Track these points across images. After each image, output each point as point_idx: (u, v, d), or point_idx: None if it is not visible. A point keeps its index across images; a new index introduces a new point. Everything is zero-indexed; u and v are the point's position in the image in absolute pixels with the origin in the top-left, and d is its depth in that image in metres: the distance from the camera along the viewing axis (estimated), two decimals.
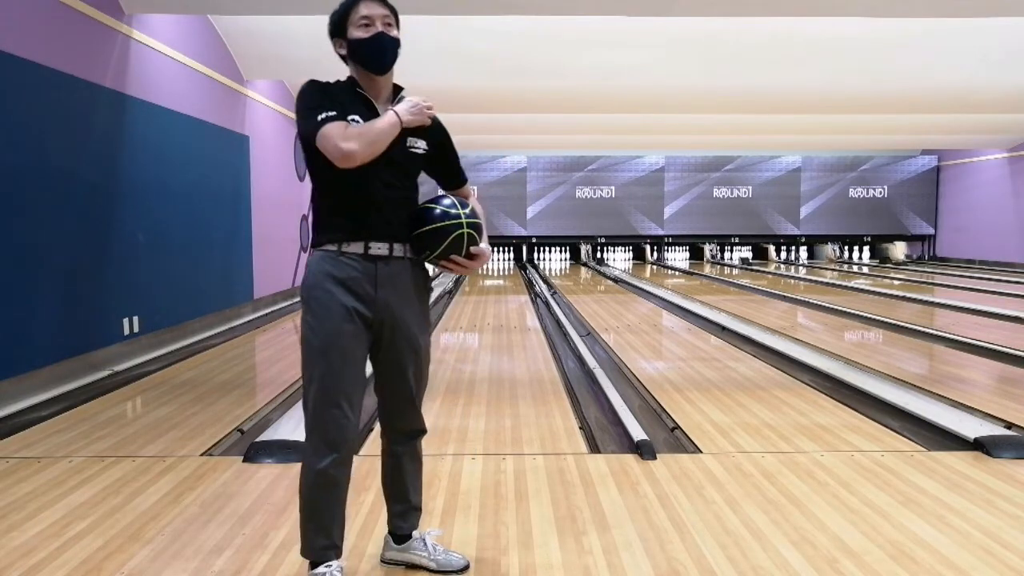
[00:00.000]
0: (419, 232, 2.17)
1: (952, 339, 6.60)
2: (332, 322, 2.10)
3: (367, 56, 2.13)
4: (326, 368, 2.09)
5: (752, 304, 9.44)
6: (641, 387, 4.90)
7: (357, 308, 2.12)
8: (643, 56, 8.41)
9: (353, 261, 2.12)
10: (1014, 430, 3.80)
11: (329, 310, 2.10)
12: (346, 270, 2.11)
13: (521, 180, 17.21)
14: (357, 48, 2.13)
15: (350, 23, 2.12)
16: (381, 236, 2.14)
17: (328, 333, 2.09)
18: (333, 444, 2.10)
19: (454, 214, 2.17)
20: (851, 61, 8.64)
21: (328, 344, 2.09)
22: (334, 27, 2.16)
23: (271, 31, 7.80)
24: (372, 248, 2.13)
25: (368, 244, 2.13)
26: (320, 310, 2.11)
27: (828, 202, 17.66)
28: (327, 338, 2.09)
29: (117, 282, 5.71)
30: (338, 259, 2.12)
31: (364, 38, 2.11)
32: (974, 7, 6.26)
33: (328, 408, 2.10)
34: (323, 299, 2.10)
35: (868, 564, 2.38)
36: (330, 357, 2.09)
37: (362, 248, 2.12)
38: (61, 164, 5.03)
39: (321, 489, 2.12)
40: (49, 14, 4.94)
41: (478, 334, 7.15)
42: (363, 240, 2.12)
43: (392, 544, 2.38)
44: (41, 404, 4.46)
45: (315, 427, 2.12)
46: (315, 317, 2.11)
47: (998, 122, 12.94)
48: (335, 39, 2.17)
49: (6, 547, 2.54)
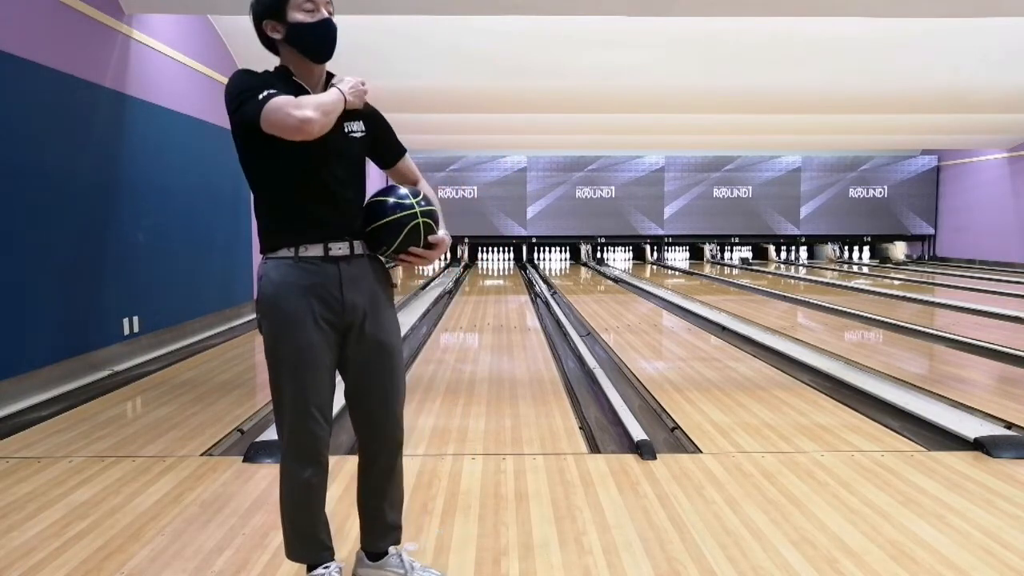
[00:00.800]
0: (373, 227, 2.05)
1: (952, 339, 6.60)
2: (300, 334, 1.98)
3: (312, 42, 1.98)
4: (298, 382, 2.01)
5: (752, 304, 9.44)
6: (641, 387, 4.90)
7: (325, 315, 2.00)
8: (643, 56, 8.41)
9: (313, 265, 1.99)
10: (1014, 430, 3.80)
11: (295, 322, 1.97)
12: (308, 276, 1.98)
13: (521, 180, 17.21)
14: (300, 33, 1.96)
15: (291, 5, 1.94)
16: (340, 235, 2.02)
17: (297, 346, 1.99)
18: (310, 456, 2.05)
19: (407, 204, 2.04)
20: (851, 61, 8.64)
21: (298, 358, 1.99)
22: (266, 7, 1.96)
23: None
24: (332, 249, 2.01)
25: (328, 245, 2.00)
26: (285, 323, 1.98)
27: (828, 202, 17.66)
28: (296, 352, 1.99)
29: (117, 282, 5.71)
30: (297, 265, 1.98)
31: (309, 23, 1.95)
32: (974, 7, 6.26)
33: (304, 421, 2.02)
34: (287, 311, 1.97)
35: (868, 564, 2.38)
36: (301, 371, 2.00)
37: (322, 250, 2.00)
38: (61, 164, 5.03)
39: (303, 499, 2.09)
40: (49, 14, 4.94)
41: (478, 334, 7.15)
42: (322, 241, 2.00)
43: (365, 561, 2.26)
44: (41, 404, 4.46)
45: (291, 441, 2.06)
46: (281, 330, 1.99)
47: (998, 122, 12.93)
48: (268, 20, 1.98)
49: (6, 547, 2.54)
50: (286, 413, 2.05)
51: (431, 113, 11.08)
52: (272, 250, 2.01)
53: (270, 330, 2.02)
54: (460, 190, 17.07)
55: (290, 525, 2.13)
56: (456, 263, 16.84)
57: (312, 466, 2.06)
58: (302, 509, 2.10)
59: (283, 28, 1.97)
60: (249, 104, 1.87)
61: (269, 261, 2.02)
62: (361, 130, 2.09)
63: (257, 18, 2.00)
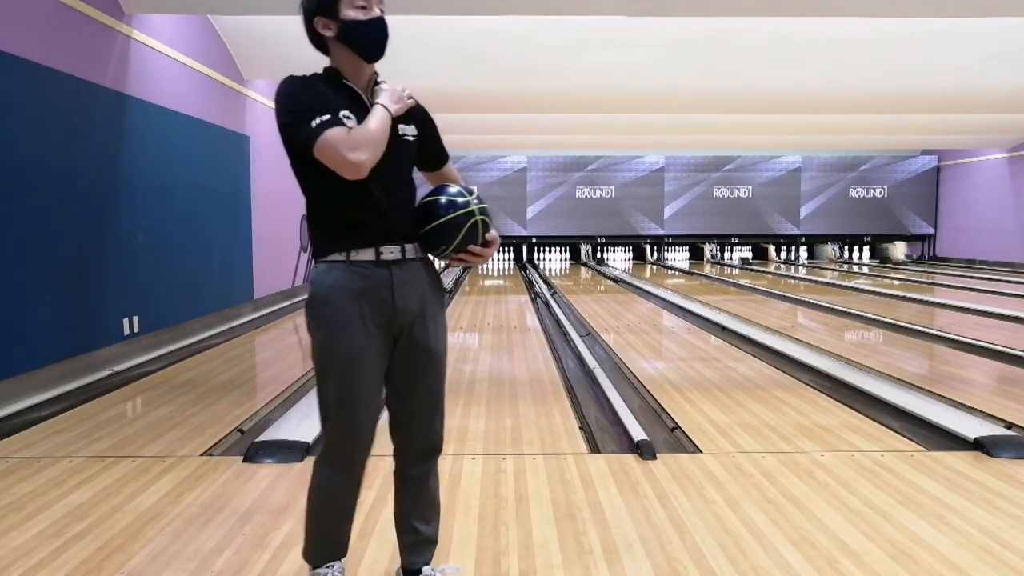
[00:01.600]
0: (430, 228, 2.00)
1: (952, 339, 6.60)
2: (351, 336, 1.93)
3: (366, 41, 1.94)
4: (347, 388, 1.95)
5: (752, 304, 9.44)
6: (641, 387, 4.90)
7: (375, 319, 1.95)
8: (643, 56, 8.41)
9: (365, 269, 1.94)
10: (1014, 430, 3.80)
11: (346, 327, 1.93)
12: (359, 280, 1.94)
13: (521, 180, 17.21)
14: (354, 31, 1.92)
15: (344, 2, 1.90)
16: (391, 238, 1.97)
17: (347, 351, 1.94)
18: (351, 462, 2.01)
19: (462, 202, 2.01)
20: (851, 61, 8.64)
21: (348, 362, 1.94)
22: (320, 4, 1.92)
23: (271, 31, 7.80)
24: (384, 253, 1.96)
25: (379, 249, 1.96)
26: (336, 327, 1.93)
27: (828, 202, 17.67)
28: (346, 356, 1.94)
29: (117, 282, 5.71)
30: (348, 269, 1.94)
31: (362, 20, 1.91)
32: (974, 7, 6.26)
33: (350, 427, 1.98)
34: (338, 315, 1.93)
35: (868, 564, 2.38)
36: (350, 376, 1.95)
37: (373, 254, 1.95)
38: (61, 164, 5.03)
39: (335, 504, 2.05)
40: (49, 14, 4.94)
41: (478, 334, 7.15)
42: (373, 245, 1.95)
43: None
44: (41, 404, 4.46)
45: (335, 445, 2.01)
46: (331, 335, 1.94)
47: (998, 122, 12.93)
48: (319, 18, 1.93)
49: (6, 547, 2.54)
50: (330, 415, 1.99)
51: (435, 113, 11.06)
52: (324, 254, 1.98)
53: (319, 332, 1.97)
54: None
55: (313, 527, 2.07)
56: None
57: (348, 472, 2.02)
58: (327, 513, 2.06)
59: (335, 25, 1.92)
60: (302, 128, 1.85)
61: (321, 265, 1.98)
62: (414, 133, 2.06)
63: (308, 14, 1.96)
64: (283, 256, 9.94)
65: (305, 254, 10.90)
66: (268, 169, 9.26)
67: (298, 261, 10.58)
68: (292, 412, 4.10)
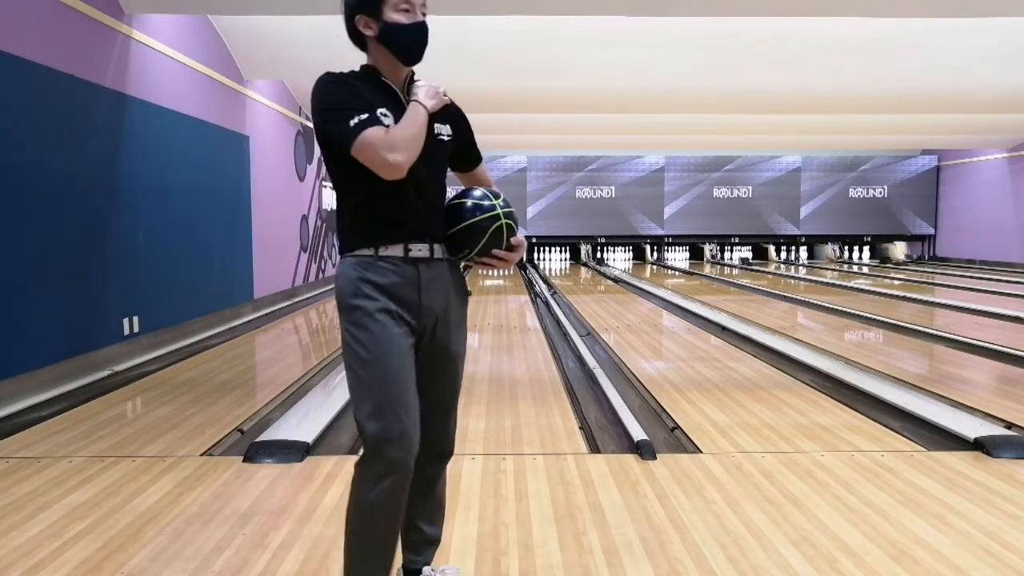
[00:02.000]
0: (456, 230, 1.99)
1: (952, 339, 6.60)
2: (383, 330, 1.90)
3: (407, 44, 1.94)
4: (383, 380, 1.88)
5: (752, 304, 9.44)
6: (641, 387, 4.90)
7: (402, 315, 1.93)
8: (643, 56, 8.41)
9: (392, 266, 1.92)
10: (1014, 430, 3.80)
11: (377, 318, 1.89)
12: (386, 275, 1.91)
13: (521, 180, 17.21)
14: (396, 33, 1.91)
15: (388, 4, 1.89)
16: (421, 236, 1.95)
17: (381, 342, 1.89)
18: (394, 463, 1.87)
19: (488, 206, 2.00)
20: (851, 61, 8.64)
21: (383, 353, 1.89)
22: (363, 3, 1.91)
23: (271, 31, 7.80)
24: (412, 250, 1.94)
25: (408, 246, 1.93)
26: (367, 319, 1.89)
27: (828, 202, 17.67)
28: (381, 348, 1.89)
29: (117, 282, 5.71)
30: (376, 264, 1.92)
31: (406, 24, 1.90)
32: (974, 7, 6.26)
33: (391, 423, 1.87)
34: (368, 307, 1.89)
35: (868, 564, 2.38)
36: (386, 367, 1.89)
37: (402, 251, 1.93)
38: (61, 164, 5.03)
39: (384, 516, 1.90)
40: (49, 14, 4.94)
41: (478, 334, 7.15)
42: (402, 242, 1.93)
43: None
44: (41, 404, 4.46)
45: (375, 446, 1.87)
46: (362, 327, 1.89)
47: (998, 122, 12.94)
48: (361, 16, 1.91)
49: (6, 547, 2.54)
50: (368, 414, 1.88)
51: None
52: (351, 249, 1.95)
53: (348, 328, 1.92)
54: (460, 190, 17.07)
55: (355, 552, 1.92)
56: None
57: (392, 474, 1.88)
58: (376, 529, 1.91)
59: (376, 26, 1.91)
60: (339, 127, 1.84)
61: (348, 259, 1.95)
62: (449, 133, 2.06)
63: (350, 10, 1.94)
64: (283, 256, 9.94)
65: (305, 254, 10.91)
66: (268, 169, 9.27)
67: (298, 261, 10.58)
68: (292, 412, 4.10)
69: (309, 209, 11.16)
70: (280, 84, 9.72)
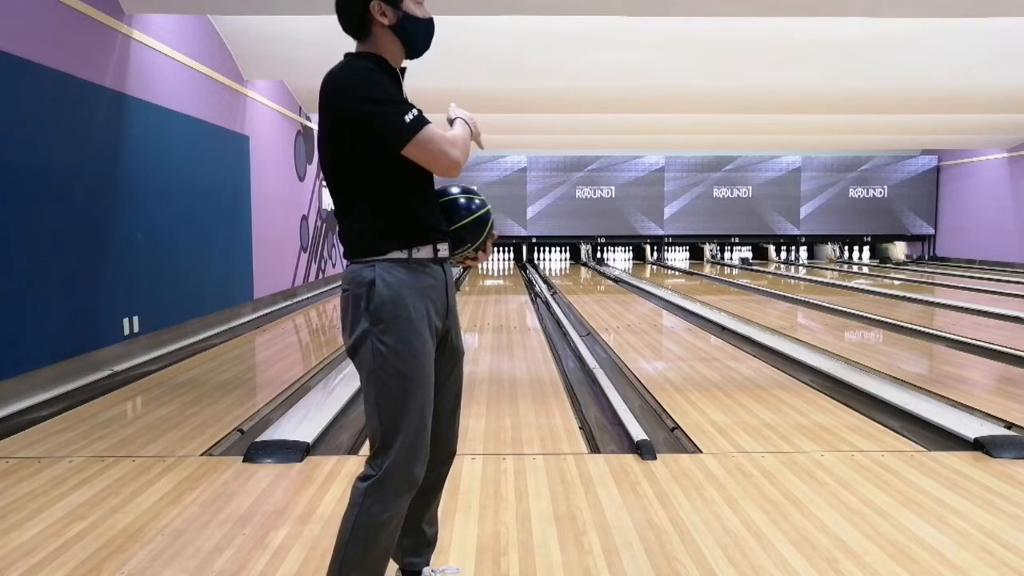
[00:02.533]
0: (459, 225, 2.00)
1: (952, 339, 6.60)
2: (424, 345, 1.85)
3: (419, 38, 1.93)
4: (420, 398, 1.83)
5: (752, 304, 9.44)
6: (641, 387, 4.90)
7: (435, 322, 1.89)
8: (643, 56, 8.41)
9: (426, 268, 1.89)
10: (1014, 430, 3.80)
11: (418, 330, 1.84)
12: (423, 279, 1.87)
13: (521, 180, 17.21)
14: (411, 26, 1.89)
15: None
16: (442, 236, 1.94)
17: (421, 356, 1.84)
18: (417, 480, 1.87)
19: (479, 202, 2.04)
20: (851, 61, 8.64)
21: (423, 368, 1.84)
22: None
23: (271, 31, 7.81)
24: (440, 250, 1.93)
25: (436, 246, 1.91)
26: (411, 332, 1.82)
27: (828, 202, 17.67)
28: (421, 363, 1.83)
29: (117, 282, 5.71)
30: (411, 267, 1.86)
31: (422, 18, 1.91)
32: (974, 7, 6.26)
33: (419, 450, 1.84)
34: (410, 317, 1.83)
35: (868, 564, 2.38)
36: (425, 384, 1.85)
37: (431, 252, 1.90)
38: (61, 164, 5.03)
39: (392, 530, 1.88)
40: (49, 14, 4.94)
41: (478, 334, 7.15)
42: (431, 242, 1.90)
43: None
44: (41, 404, 4.46)
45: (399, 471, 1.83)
46: (405, 340, 1.81)
47: (998, 122, 12.94)
48: (379, 3, 1.85)
49: (6, 547, 2.54)
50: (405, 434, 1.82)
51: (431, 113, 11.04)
52: (380, 252, 1.84)
53: (383, 339, 1.81)
54: None
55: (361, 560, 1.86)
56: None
57: (410, 492, 1.88)
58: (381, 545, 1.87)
59: (393, 15, 1.87)
60: (397, 120, 1.77)
61: (379, 264, 1.84)
62: None
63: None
64: (283, 256, 9.94)
65: (305, 254, 10.90)
66: (268, 169, 9.27)
67: (298, 261, 10.58)
68: (292, 412, 4.10)
69: (309, 209, 11.16)
70: (280, 84, 9.72)
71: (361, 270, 1.86)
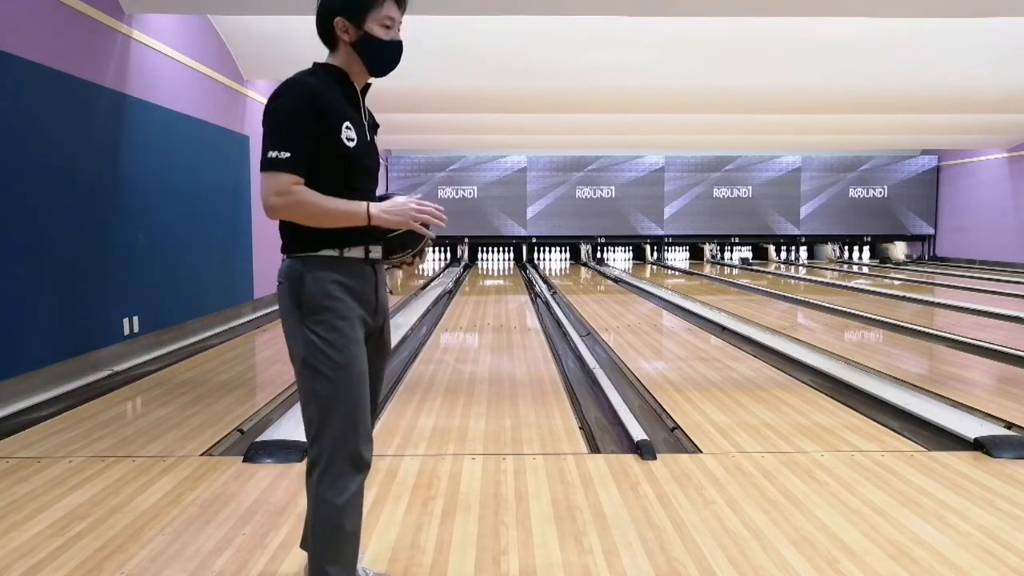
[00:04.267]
0: (397, 233, 2.03)
1: (952, 339, 6.60)
2: (353, 332, 1.95)
3: (382, 60, 1.99)
4: (350, 387, 1.93)
5: (752, 304, 9.44)
6: (641, 387, 4.90)
7: (364, 318, 2.01)
8: (643, 56, 8.41)
9: (356, 267, 1.99)
10: (1014, 430, 3.80)
11: (347, 320, 1.94)
12: (353, 276, 1.98)
13: (521, 180, 17.21)
14: (372, 46, 1.95)
15: (371, 16, 1.93)
16: (375, 239, 2.02)
17: (351, 345, 1.94)
18: (360, 466, 1.97)
19: None
20: (851, 61, 8.64)
21: (353, 357, 1.94)
22: (347, 7, 1.93)
23: (271, 31, 7.80)
24: (372, 252, 2.02)
25: (368, 248, 2.00)
26: (339, 321, 1.93)
27: (828, 202, 17.68)
28: (350, 350, 1.94)
29: (117, 282, 5.71)
30: (341, 263, 1.96)
31: (384, 40, 1.95)
32: (974, 7, 6.26)
33: (356, 430, 1.94)
34: (337, 309, 1.94)
35: (868, 564, 2.38)
36: (352, 374, 1.93)
37: (363, 252, 1.99)
38: (61, 164, 5.03)
39: (351, 517, 1.96)
40: (49, 14, 4.94)
41: (478, 334, 7.15)
42: (363, 244, 1.99)
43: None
44: (41, 404, 4.46)
45: (341, 453, 1.93)
46: (333, 329, 1.93)
47: (998, 122, 12.94)
48: (342, 19, 1.93)
49: (6, 547, 2.54)
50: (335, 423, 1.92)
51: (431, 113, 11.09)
52: (313, 248, 1.95)
53: (313, 329, 1.93)
54: (460, 190, 17.08)
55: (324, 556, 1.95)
56: (456, 263, 16.84)
57: (358, 477, 1.97)
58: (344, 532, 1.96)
59: (355, 33, 1.95)
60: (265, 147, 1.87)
61: (310, 259, 1.94)
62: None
63: (329, 10, 1.95)
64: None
65: None
66: None
67: None
68: (292, 412, 4.09)
69: None
70: None
71: (294, 265, 1.97)
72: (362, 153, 2.00)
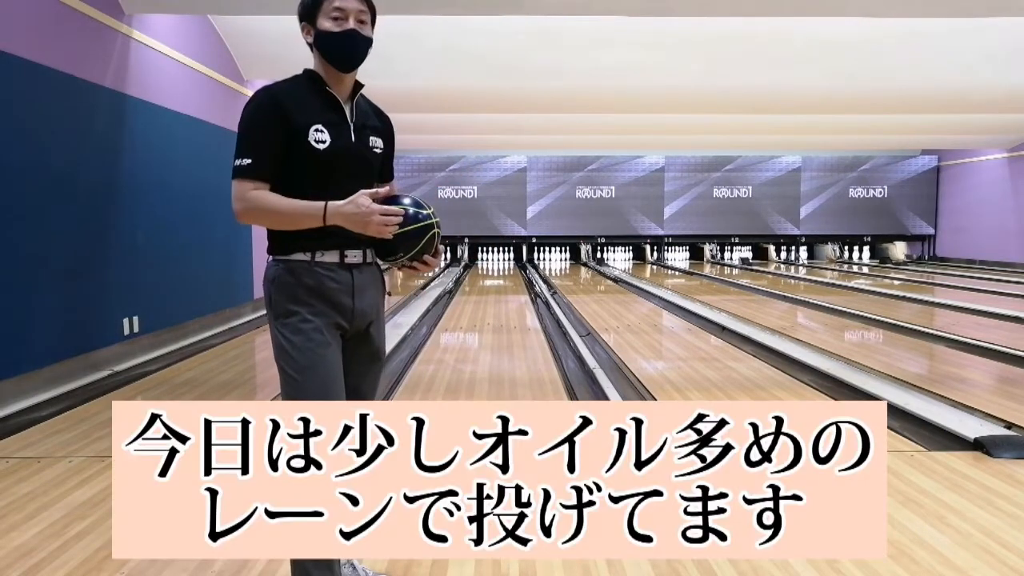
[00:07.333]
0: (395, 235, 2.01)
1: (952, 339, 6.59)
2: (320, 336, 1.96)
3: (334, 52, 1.98)
4: (316, 390, 1.94)
5: (752, 304, 9.44)
6: (641, 387, 4.90)
7: (337, 322, 2.00)
8: (643, 56, 8.41)
9: (329, 271, 1.98)
10: (1014, 430, 3.80)
11: (313, 324, 1.96)
12: (323, 281, 1.97)
13: (521, 180, 17.21)
14: (325, 40, 1.97)
15: (321, 11, 1.96)
16: (355, 242, 2.00)
17: (317, 348, 1.95)
18: None
19: (424, 214, 2.06)
20: (851, 61, 8.64)
21: (318, 360, 1.95)
22: (304, 11, 2.00)
23: (271, 31, 7.80)
24: (348, 256, 2.01)
25: (344, 252, 2.00)
26: (304, 325, 1.96)
27: (828, 202, 17.67)
28: (316, 354, 1.95)
29: (117, 282, 5.71)
30: (312, 269, 1.97)
31: (334, 32, 1.96)
32: (974, 7, 6.26)
33: None
34: (305, 313, 1.96)
35: (868, 564, 2.37)
36: (317, 376, 1.95)
37: (338, 257, 1.99)
38: (61, 164, 5.03)
39: None
40: (49, 14, 4.94)
41: (478, 334, 7.15)
42: (339, 248, 1.98)
43: None
44: (41, 404, 4.46)
45: None
46: (298, 332, 1.95)
47: (998, 122, 12.94)
48: (303, 23, 2.01)
49: (6, 547, 2.54)
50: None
51: (431, 113, 11.09)
52: (286, 252, 1.98)
53: (282, 332, 1.98)
54: (460, 190, 17.08)
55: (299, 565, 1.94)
56: (456, 263, 16.84)
57: None
58: None
59: (312, 34, 2.00)
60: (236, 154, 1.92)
61: (282, 263, 1.98)
62: (381, 147, 2.13)
63: (299, 20, 2.04)
64: None
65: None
66: None
67: None
68: None
69: None
70: None
71: (269, 267, 2.03)
72: (340, 154, 1.98)
